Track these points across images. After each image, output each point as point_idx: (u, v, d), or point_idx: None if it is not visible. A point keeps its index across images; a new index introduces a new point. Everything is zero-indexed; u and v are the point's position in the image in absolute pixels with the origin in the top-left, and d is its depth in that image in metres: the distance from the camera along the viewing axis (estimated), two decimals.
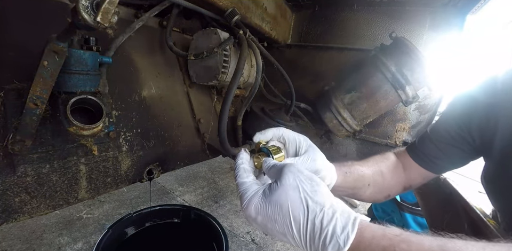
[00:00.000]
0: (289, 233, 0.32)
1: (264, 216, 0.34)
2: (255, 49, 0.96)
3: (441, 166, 0.66)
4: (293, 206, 0.33)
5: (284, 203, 0.33)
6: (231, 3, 0.89)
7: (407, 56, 0.96)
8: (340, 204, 0.34)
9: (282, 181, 0.36)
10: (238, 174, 0.43)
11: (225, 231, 0.92)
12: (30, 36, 0.64)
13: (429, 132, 0.68)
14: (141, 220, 1.00)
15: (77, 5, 0.38)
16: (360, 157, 1.39)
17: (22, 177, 0.60)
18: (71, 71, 0.61)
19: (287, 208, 0.33)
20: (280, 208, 0.33)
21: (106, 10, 0.38)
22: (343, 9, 1.29)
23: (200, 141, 1.14)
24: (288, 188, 0.34)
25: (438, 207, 0.94)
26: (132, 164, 0.84)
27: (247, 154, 0.49)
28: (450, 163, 0.66)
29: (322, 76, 1.37)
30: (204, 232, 1.00)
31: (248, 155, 0.49)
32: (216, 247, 0.93)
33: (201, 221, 1.01)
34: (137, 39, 0.92)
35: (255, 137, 0.54)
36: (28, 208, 0.62)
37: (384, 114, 1.21)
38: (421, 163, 0.67)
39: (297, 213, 0.32)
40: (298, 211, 0.32)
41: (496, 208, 0.62)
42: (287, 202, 0.33)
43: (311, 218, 0.32)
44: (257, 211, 0.35)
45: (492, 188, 0.58)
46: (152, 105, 0.94)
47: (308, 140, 0.56)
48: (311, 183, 0.36)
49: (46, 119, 0.62)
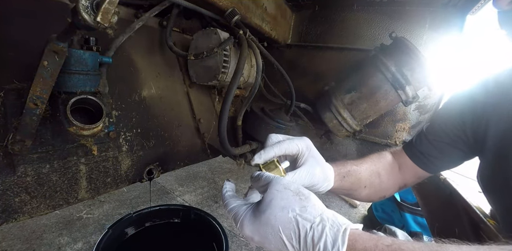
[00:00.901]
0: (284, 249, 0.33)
1: (259, 236, 0.35)
2: (255, 49, 0.96)
3: (438, 166, 0.66)
4: (283, 227, 0.33)
5: (274, 225, 0.34)
6: (231, 3, 0.89)
7: (407, 56, 0.96)
8: (330, 215, 0.34)
9: (268, 201, 0.36)
10: (225, 202, 0.42)
11: (225, 231, 0.92)
12: (30, 36, 0.64)
13: (425, 131, 0.68)
14: (141, 220, 1.00)
15: (77, 5, 0.38)
16: (360, 157, 1.39)
17: (22, 177, 0.60)
18: (71, 71, 0.61)
19: (278, 228, 0.33)
20: (272, 229, 0.34)
21: (106, 10, 0.38)
22: (343, 9, 1.29)
23: (200, 141, 1.14)
24: (276, 209, 0.35)
25: (438, 207, 0.94)
26: (132, 164, 0.84)
27: (230, 183, 0.48)
28: (447, 162, 0.66)
29: (322, 76, 1.37)
30: (203, 232, 0.99)
31: (232, 184, 0.48)
32: (216, 247, 0.93)
33: (201, 221, 1.01)
34: (137, 39, 0.92)
35: (253, 161, 0.49)
36: (28, 208, 0.62)
37: (384, 114, 1.21)
38: (418, 162, 0.67)
39: (288, 233, 0.33)
40: (289, 231, 0.33)
41: (493, 207, 0.62)
42: (277, 224, 0.34)
43: (303, 236, 0.32)
44: (252, 232, 0.36)
45: (486, 187, 0.59)
46: (152, 105, 0.94)
47: (309, 147, 0.52)
48: (300, 199, 0.36)
49: (46, 119, 0.62)
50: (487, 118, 0.55)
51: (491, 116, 0.54)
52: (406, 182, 0.70)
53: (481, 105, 0.56)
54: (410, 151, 0.69)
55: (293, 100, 1.21)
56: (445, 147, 0.63)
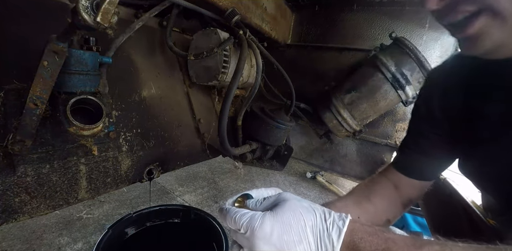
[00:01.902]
0: (304, 236, 0.37)
1: (280, 225, 0.38)
2: (255, 49, 0.96)
3: (431, 172, 0.64)
4: (303, 210, 0.39)
5: (296, 209, 0.39)
6: (231, 3, 0.89)
7: (407, 56, 0.96)
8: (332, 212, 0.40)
9: (286, 197, 0.42)
10: (233, 212, 0.42)
11: (225, 231, 0.92)
12: (30, 36, 0.64)
13: (403, 142, 0.67)
14: (141, 220, 1.00)
15: (77, 5, 0.38)
16: (360, 157, 1.40)
17: (22, 177, 0.60)
18: (71, 71, 0.61)
19: (299, 212, 0.39)
20: (294, 213, 0.38)
21: (106, 11, 0.38)
22: (343, 9, 1.29)
23: (200, 141, 1.14)
24: (294, 200, 0.42)
25: (438, 207, 0.94)
26: (132, 164, 0.84)
27: (230, 199, 0.50)
28: (438, 166, 0.64)
29: (322, 76, 1.37)
30: (204, 232, 0.99)
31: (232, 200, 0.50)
32: (216, 247, 0.93)
33: (201, 221, 1.01)
34: (137, 39, 0.92)
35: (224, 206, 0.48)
36: (28, 208, 0.62)
37: (384, 114, 1.21)
38: (411, 175, 0.65)
39: (309, 215, 0.38)
40: (309, 214, 0.39)
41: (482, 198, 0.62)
42: (298, 208, 0.39)
43: (319, 218, 0.38)
44: (271, 225, 0.38)
45: (465, 175, 0.58)
46: (152, 105, 0.94)
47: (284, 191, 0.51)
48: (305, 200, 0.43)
49: (46, 119, 0.62)
50: (446, 104, 0.55)
51: (448, 101, 0.54)
52: (410, 197, 0.67)
53: (443, 90, 0.56)
54: (399, 167, 0.66)
55: (293, 100, 1.21)
56: (428, 150, 0.62)
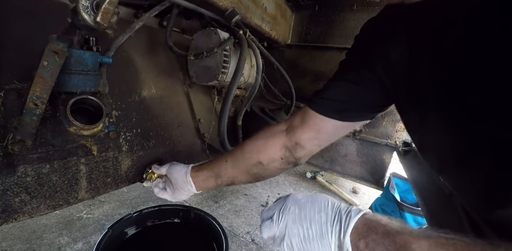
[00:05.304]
0: (325, 209, 0.45)
1: (308, 199, 0.48)
2: (255, 49, 0.96)
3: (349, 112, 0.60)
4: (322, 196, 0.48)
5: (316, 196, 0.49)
6: (231, 3, 0.89)
7: None
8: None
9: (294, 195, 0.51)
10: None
11: (225, 231, 0.92)
12: (30, 36, 0.64)
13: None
14: (141, 220, 1.00)
15: (77, 5, 0.38)
16: (360, 157, 1.40)
17: (22, 177, 0.60)
18: (71, 71, 0.61)
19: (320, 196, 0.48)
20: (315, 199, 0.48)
21: (106, 11, 0.38)
22: (343, 9, 1.29)
23: (200, 141, 1.14)
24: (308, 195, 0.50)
25: (438, 207, 0.94)
26: (132, 164, 0.84)
27: None
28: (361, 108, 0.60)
29: (322, 76, 1.37)
30: (204, 232, 1.00)
31: None
32: (216, 247, 0.93)
33: (201, 221, 1.01)
34: (137, 39, 0.92)
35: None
36: (28, 208, 0.62)
37: (384, 114, 1.21)
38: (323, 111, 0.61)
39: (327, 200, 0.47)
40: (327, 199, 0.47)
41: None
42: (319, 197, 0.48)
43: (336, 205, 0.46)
44: (299, 196, 0.50)
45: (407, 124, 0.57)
46: (152, 105, 0.94)
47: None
48: None
49: (46, 119, 0.62)
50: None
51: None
52: (296, 141, 0.65)
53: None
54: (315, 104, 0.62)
55: (293, 100, 1.21)
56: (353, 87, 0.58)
